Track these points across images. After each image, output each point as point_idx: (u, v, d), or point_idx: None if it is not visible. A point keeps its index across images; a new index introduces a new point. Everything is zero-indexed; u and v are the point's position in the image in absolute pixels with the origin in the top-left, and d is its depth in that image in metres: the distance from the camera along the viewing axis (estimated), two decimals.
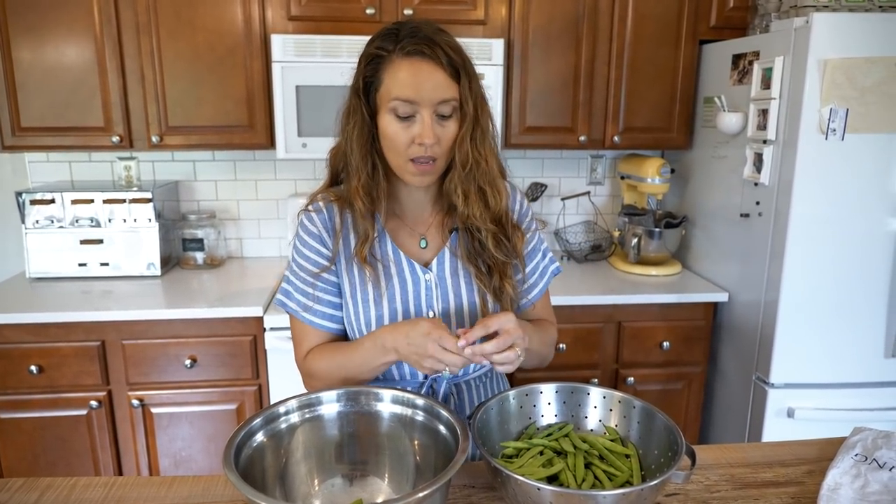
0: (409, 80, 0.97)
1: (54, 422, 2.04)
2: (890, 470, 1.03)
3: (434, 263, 1.12)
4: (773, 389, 2.01)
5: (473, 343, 0.93)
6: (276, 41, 2.07)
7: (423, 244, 1.14)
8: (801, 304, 1.94)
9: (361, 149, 1.03)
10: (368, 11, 2.14)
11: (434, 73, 0.97)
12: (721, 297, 2.22)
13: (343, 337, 1.15)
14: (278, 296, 1.15)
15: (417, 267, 1.11)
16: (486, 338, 0.95)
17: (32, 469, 2.06)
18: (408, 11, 2.15)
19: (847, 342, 1.96)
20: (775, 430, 2.03)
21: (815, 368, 1.99)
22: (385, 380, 1.13)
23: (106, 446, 2.08)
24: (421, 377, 1.12)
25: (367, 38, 1.05)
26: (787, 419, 2.02)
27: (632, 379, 2.25)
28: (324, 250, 1.11)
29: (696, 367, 2.29)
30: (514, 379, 1.81)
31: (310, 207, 1.12)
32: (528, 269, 1.19)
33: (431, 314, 1.10)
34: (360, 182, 1.05)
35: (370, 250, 1.09)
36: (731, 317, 2.23)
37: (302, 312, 1.12)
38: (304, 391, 0.97)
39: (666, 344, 2.23)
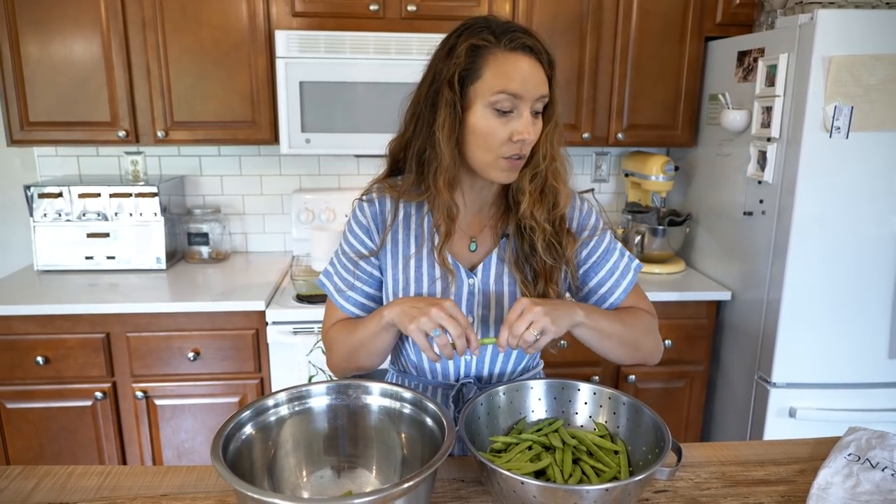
0: (517, 74, 0.95)
1: (60, 412, 2.07)
2: (882, 470, 1.03)
3: (480, 268, 1.10)
4: (775, 389, 2.00)
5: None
6: (280, 37, 2.08)
7: (472, 247, 1.12)
8: (803, 303, 1.92)
9: (452, 144, 0.99)
10: (372, 8, 2.14)
11: (537, 69, 0.97)
12: (724, 295, 2.21)
13: None
14: (321, 276, 1.18)
15: (462, 271, 1.10)
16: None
17: (38, 459, 2.09)
18: (411, 8, 2.15)
19: (850, 342, 1.95)
20: (777, 429, 2.02)
21: (818, 368, 1.98)
22: (418, 376, 1.14)
23: (111, 437, 2.11)
24: (452, 380, 1.12)
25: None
26: (789, 419, 2.01)
27: (633, 377, 2.25)
28: (368, 242, 1.12)
29: (698, 366, 2.29)
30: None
31: (364, 197, 1.13)
32: (604, 272, 1.15)
33: (470, 319, 1.09)
34: (447, 177, 1.01)
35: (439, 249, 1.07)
36: (733, 315, 2.22)
37: (336, 294, 1.14)
38: (301, 384, 0.98)
39: (668, 342, 2.23)
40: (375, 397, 0.96)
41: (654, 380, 2.28)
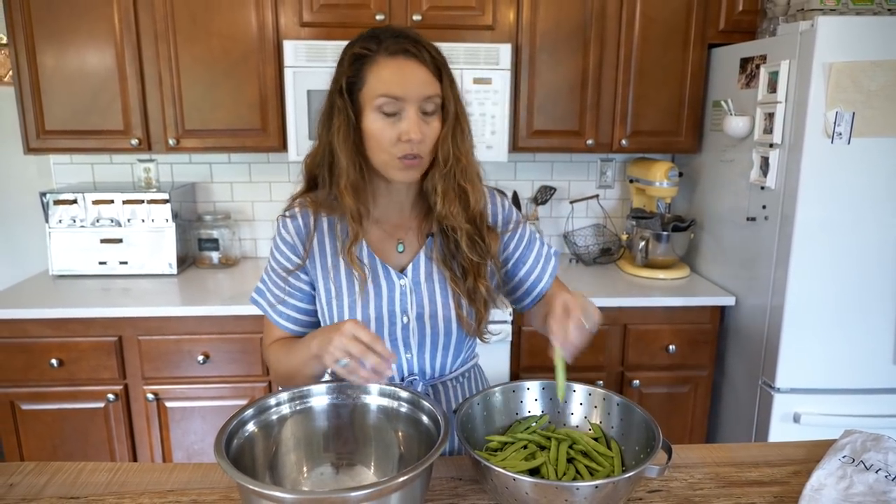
0: (396, 77, 1.00)
1: (73, 414, 2.12)
2: (876, 472, 1.04)
3: (409, 268, 1.13)
4: (779, 394, 2.00)
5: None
6: (289, 47, 2.13)
7: (400, 248, 1.15)
8: (806, 308, 1.93)
9: (347, 148, 1.04)
10: (378, 17, 2.19)
11: (418, 71, 1.00)
12: (728, 300, 2.22)
13: None
14: (253, 293, 1.20)
15: (392, 272, 1.12)
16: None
17: (51, 459, 2.11)
18: (416, 17, 2.19)
19: (853, 347, 1.95)
20: (781, 435, 2.02)
21: (822, 373, 1.98)
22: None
23: (122, 438, 2.16)
24: (398, 378, 1.15)
25: (360, 35, 1.07)
26: (794, 424, 2.01)
27: (637, 381, 2.26)
28: (294, 258, 1.14)
29: (702, 371, 2.29)
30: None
31: (286, 213, 1.15)
32: (531, 261, 1.20)
33: (405, 319, 1.12)
34: (348, 181, 1.05)
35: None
36: (737, 321, 2.23)
37: (270, 310, 1.16)
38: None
39: (672, 347, 2.24)
40: (374, 397, 0.98)
41: (659, 385, 2.29)
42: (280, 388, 0.99)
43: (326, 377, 1.12)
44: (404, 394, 0.96)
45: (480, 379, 1.28)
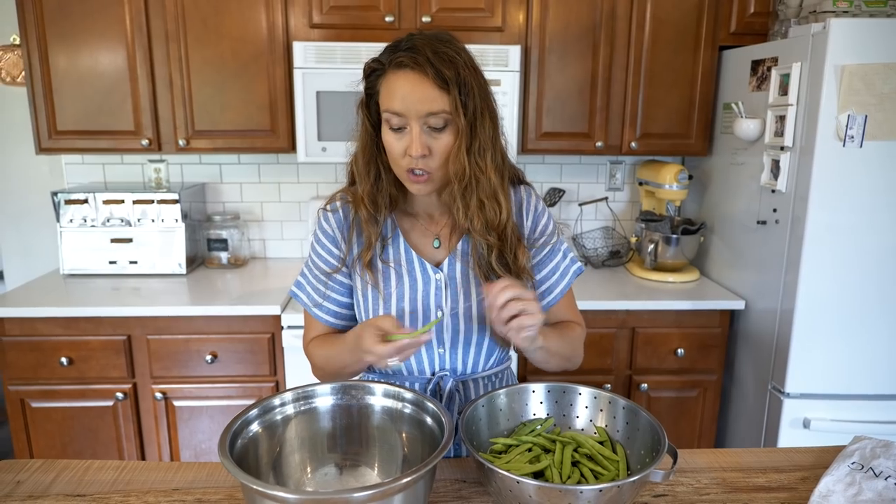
0: (397, 92, 0.99)
1: (82, 412, 2.13)
2: (885, 479, 1.03)
3: (445, 264, 1.14)
4: (789, 399, 1.98)
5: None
6: (298, 48, 2.14)
7: (436, 244, 1.16)
8: (817, 312, 1.91)
9: (365, 159, 1.09)
10: (388, 19, 2.19)
11: (421, 86, 0.97)
12: (737, 304, 2.20)
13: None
14: (293, 287, 1.21)
15: (429, 266, 1.13)
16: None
17: (60, 457, 2.15)
18: (426, 19, 2.19)
19: (864, 352, 1.93)
20: (791, 440, 2.00)
21: (832, 379, 1.96)
22: (394, 375, 1.17)
23: (131, 436, 2.17)
24: (428, 374, 1.15)
25: (386, 44, 1.07)
26: (803, 430, 1.99)
27: (645, 385, 2.25)
28: (336, 251, 1.16)
29: (711, 375, 2.28)
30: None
31: (328, 207, 1.18)
32: (547, 270, 1.19)
33: (440, 314, 1.12)
34: (364, 190, 1.10)
35: (381, 253, 1.13)
36: (747, 325, 2.21)
37: (311, 307, 1.18)
38: (307, 384, 1.01)
39: (680, 351, 2.22)
40: (378, 398, 0.98)
41: (667, 389, 2.27)
42: (285, 389, 1.00)
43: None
44: (408, 395, 0.96)
45: (510, 378, 1.26)
